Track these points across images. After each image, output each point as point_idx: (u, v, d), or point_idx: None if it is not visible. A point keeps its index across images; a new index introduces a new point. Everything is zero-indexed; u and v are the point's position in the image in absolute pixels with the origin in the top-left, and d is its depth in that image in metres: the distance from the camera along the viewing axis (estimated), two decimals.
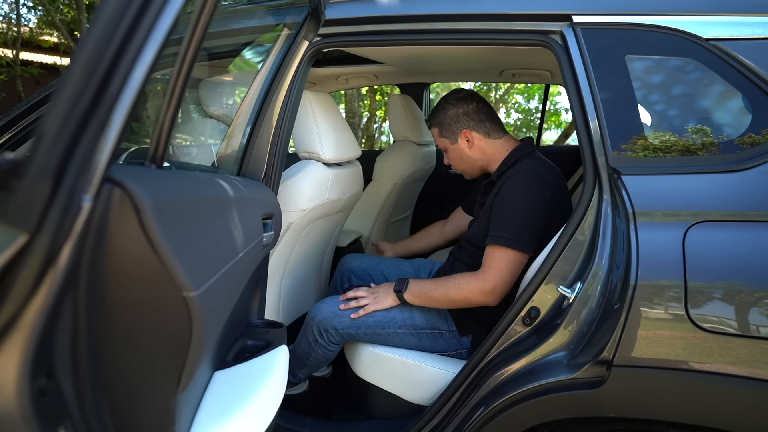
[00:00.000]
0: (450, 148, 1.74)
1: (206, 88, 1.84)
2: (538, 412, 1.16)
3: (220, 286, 0.65)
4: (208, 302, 0.57)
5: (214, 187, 0.74)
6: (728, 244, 1.03)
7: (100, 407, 0.55)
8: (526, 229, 1.41)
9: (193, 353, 0.56)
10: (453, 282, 1.48)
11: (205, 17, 0.63)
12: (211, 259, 0.60)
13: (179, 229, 0.53)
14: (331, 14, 1.41)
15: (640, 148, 1.15)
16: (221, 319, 0.73)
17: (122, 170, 0.48)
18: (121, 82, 0.43)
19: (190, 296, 0.51)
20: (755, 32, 1.12)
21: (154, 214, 0.47)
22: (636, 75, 1.18)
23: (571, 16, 1.24)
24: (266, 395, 0.91)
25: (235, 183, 0.92)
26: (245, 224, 0.84)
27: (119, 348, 0.53)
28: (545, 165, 1.55)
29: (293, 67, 1.37)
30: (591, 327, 1.11)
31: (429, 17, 1.37)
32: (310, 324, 1.63)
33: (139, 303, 0.52)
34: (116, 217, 0.47)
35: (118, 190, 0.46)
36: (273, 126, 1.36)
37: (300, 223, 1.66)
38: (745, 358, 0.98)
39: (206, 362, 0.80)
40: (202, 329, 0.54)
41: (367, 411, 1.68)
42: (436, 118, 1.73)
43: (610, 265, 1.11)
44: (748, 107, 1.11)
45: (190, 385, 0.67)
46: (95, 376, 0.52)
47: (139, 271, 0.49)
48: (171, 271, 0.49)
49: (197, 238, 0.58)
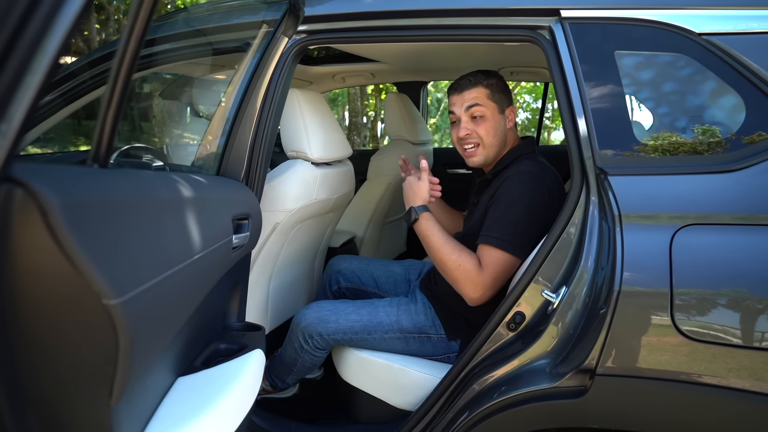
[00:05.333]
0: (491, 116, 1.53)
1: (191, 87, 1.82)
2: (521, 420, 1.12)
3: (162, 292, 0.62)
4: (140, 309, 0.54)
5: (161, 188, 0.71)
6: (718, 249, 0.98)
7: (24, 422, 0.52)
8: (522, 234, 1.35)
9: (123, 363, 0.52)
10: (456, 255, 1.40)
11: (146, 6, 0.60)
12: (146, 263, 0.57)
13: (100, 232, 0.50)
14: (316, 11, 1.38)
15: (628, 147, 1.10)
16: (172, 325, 0.70)
17: (31, 169, 0.44)
18: (15, 72, 0.40)
19: (111, 304, 0.47)
20: (750, 26, 1.07)
21: (64, 215, 0.44)
22: (626, 71, 1.14)
23: (560, 10, 1.19)
24: (230, 401, 0.88)
25: (198, 183, 0.89)
26: (205, 226, 0.81)
27: (38, 357, 0.50)
28: (544, 167, 1.48)
29: (273, 64, 1.34)
30: (575, 334, 1.07)
31: (414, 13, 1.33)
32: (295, 330, 1.61)
33: (57, 311, 0.48)
34: (19, 220, 0.43)
35: (20, 191, 0.43)
36: (254, 125, 1.33)
37: (287, 224, 1.63)
38: (732, 367, 0.94)
39: (159, 369, 0.77)
40: (129, 338, 0.51)
41: (354, 415, 1.65)
42: (488, 79, 1.54)
43: (596, 269, 1.06)
44: (742, 105, 1.06)
45: (133, 394, 0.64)
46: (14, 390, 0.49)
47: (52, 278, 0.46)
48: (87, 278, 0.45)
49: (126, 241, 0.54)
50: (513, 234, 1.35)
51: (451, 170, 3.13)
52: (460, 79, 1.57)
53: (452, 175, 3.13)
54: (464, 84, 1.55)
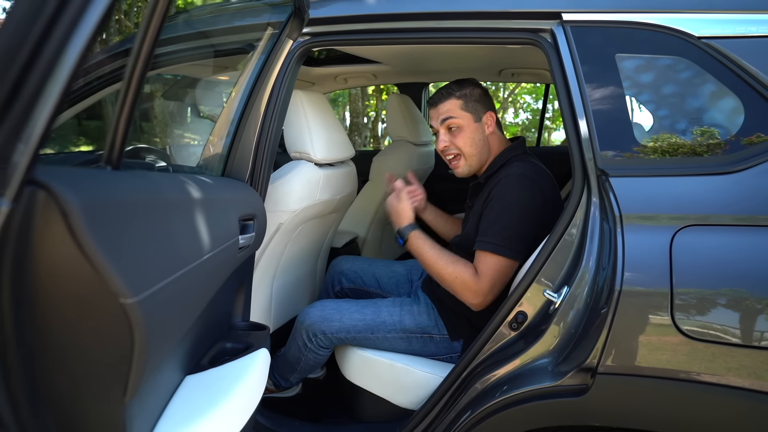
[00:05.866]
0: (467, 126, 1.55)
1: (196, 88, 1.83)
2: (523, 419, 1.14)
3: (174, 291, 0.63)
4: (154, 308, 0.56)
5: (172, 189, 0.72)
6: (717, 249, 0.99)
7: (41, 416, 0.54)
8: (516, 236, 1.37)
9: (138, 361, 0.54)
10: (452, 267, 1.43)
11: (159, 13, 0.61)
12: (160, 263, 0.58)
13: (118, 234, 0.51)
14: (319, 13, 1.39)
15: (629, 149, 1.11)
16: (182, 324, 0.71)
17: (52, 172, 0.46)
18: (40, 79, 0.41)
19: (128, 303, 0.49)
20: (749, 30, 1.08)
21: (84, 217, 0.45)
22: (626, 74, 1.15)
23: (561, 13, 1.21)
24: (237, 400, 0.89)
25: (206, 184, 0.91)
26: (213, 226, 0.82)
27: (56, 356, 0.51)
28: (537, 169, 1.50)
29: (278, 67, 1.35)
30: (576, 333, 1.08)
31: (417, 15, 1.34)
32: (299, 329, 1.62)
33: (76, 310, 0.50)
34: (41, 222, 0.45)
35: (43, 193, 0.45)
36: (258, 126, 1.34)
37: (290, 224, 1.65)
38: (732, 366, 0.95)
39: (169, 367, 0.79)
40: (145, 336, 0.52)
41: (357, 414, 1.66)
42: (461, 90, 1.56)
43: (597, 269, 1.08)
44: (741, 107, 1.07)
45: (144, 392, 0.66)
46: (33, 388, 0.51)
47: (72, 278, 0.47)
48: (105, 278, 0.47)
49: (142, 242, 0.56)
50: (507, 237, 1.37)
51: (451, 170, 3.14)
52: (435, 92, 1.62)
53: (452, 175, 3.13)
54: (437, 97, 1.59)
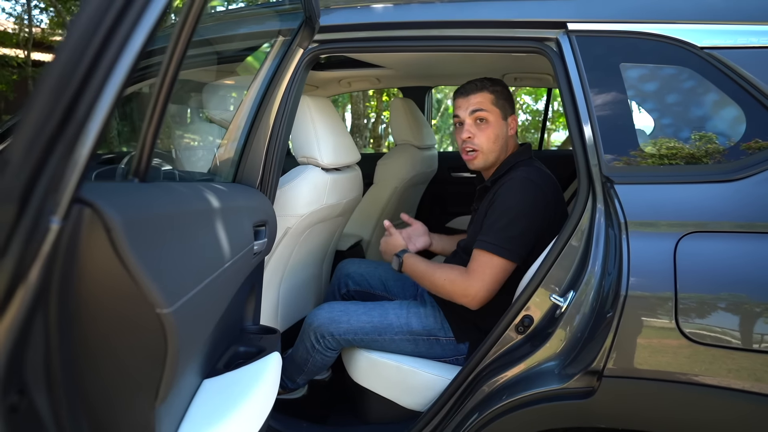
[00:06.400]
0: (494, 122, 1.57)
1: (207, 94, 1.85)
2: (530, 421, 1.16)
3: (201, 299, 0.66)
4: (185, 317, 0.58)
5: (196, 200, 0.75)
6: (719, 255, 1.02)
7: (78, 422, 0.56)
8: (516, 238, 1.40)
9: (170, 367, 0.56)
10: (444, 274, 1.49)
11: (187, 30, 0.63)
12: (189, 273, 0.61)
13: (154, 246, 0.54)
14: (328, 21, 1.42)
15: (633, 156, 1.14)
16: (205, 330, 0.74)
17: (95, 189, 0.48)
18: (90, 104, 0.43)
19: (163, 313, 0.51)
20: (750, 41, 1.11)
21: (125, 232, 0.48)
22: (630, 83, 1.18)
23: (567, 23, 1.23)
24: (254, 403, 0.92)
25: (223, 192, 0.93)
26: (232, 234, 0.85)
27: (95, 364, 0.54)
28: (542, 173, 1.53)
29: (288, 74, 1.38)
30: (582, 337, 1.10)
31: (425, 24, 1.37)
32: (308, 330, 1.64)
33: (114, 320, 0.52)
34: (87, 237, 0.47)
35: (89, 210, 0.47)
36: (269, 132, 1.37)
37: (298, 228, 1.67)
38: (733, 369, 0.98)
39: (191, 372, 0.81)
40: (177, 344, 0.54)
41: (363, 416, 1.68)
42: (494, 86, 1.59)
43: (602, 274, 1.10)
44: (743, 117, 1.10)
45: (171, 396, 0.68)
46: (72, 392, 0.53)
47: (113, 289, 0.50)
48: (144, 289, 0.49)
49: (174, 253, 0.58)
50: (505, 239, 1.40)
51: (455, 174, 3.18)
52: (467, 83, 1.61)
53: (456, 179, 3.18)
54: (470, 88, 1.59)
